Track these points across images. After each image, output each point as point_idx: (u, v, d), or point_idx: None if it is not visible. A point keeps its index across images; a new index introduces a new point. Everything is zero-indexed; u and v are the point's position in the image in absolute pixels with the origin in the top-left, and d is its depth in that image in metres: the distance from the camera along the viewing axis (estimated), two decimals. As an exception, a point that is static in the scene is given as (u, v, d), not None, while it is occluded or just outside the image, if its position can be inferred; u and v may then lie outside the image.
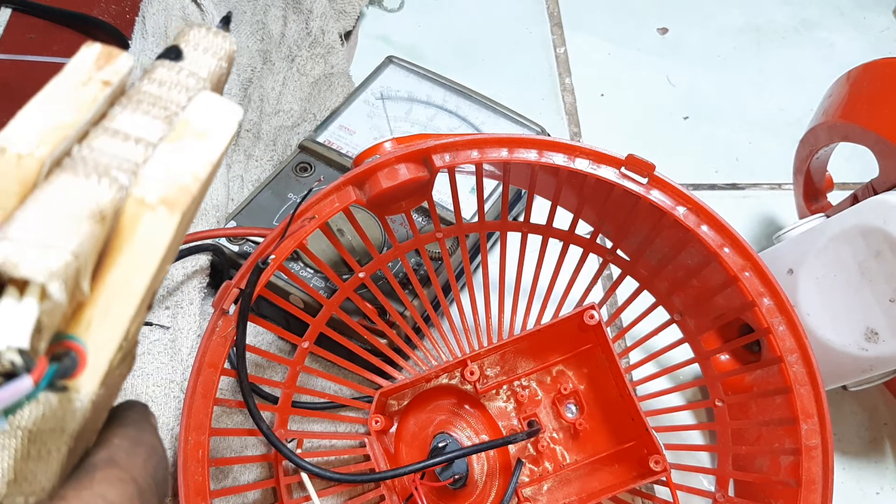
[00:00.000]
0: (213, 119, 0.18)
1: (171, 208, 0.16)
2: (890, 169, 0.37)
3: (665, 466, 0.36)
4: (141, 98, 0.18)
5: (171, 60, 0.19)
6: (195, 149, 0.17)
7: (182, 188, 0.17)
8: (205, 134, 0.17)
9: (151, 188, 0.16)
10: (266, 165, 0.51)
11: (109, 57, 0.18)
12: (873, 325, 0.36)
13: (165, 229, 0.16)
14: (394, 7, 0.63)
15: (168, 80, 0.19)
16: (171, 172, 0.17)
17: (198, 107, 0.18)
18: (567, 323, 0.39)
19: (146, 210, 0.16)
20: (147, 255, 0.16)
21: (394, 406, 0.41)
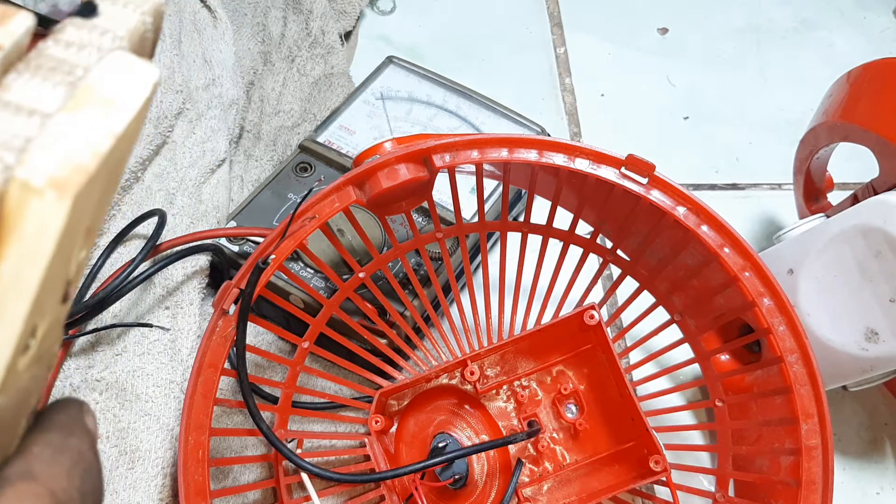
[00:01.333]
0: (122, 83, 0.15)
1: (60, 191, 0.14)
2: (890, 169, 0.37)
3: (665, 466, 0.36)
4: (41, 63, 0.16)
5: (82, 18, 0.17)
6: (96, 118, 0.15)
7: (76, 167, 0.14)
8: (111, 100, 0.15)
9: (38, 168, 0.14)
10: (266, 165, 0.51)
11: (3, 17, 0.16)
12: (873, 325, 0.36)
13: (55, 216, 0.14)
14: (386, 9, 0.64)
15: (77, 40, 0.16)
16: (64, 148, 0.14)
17: (104, 69, 0.16)
18: (567, 323, 0.39)
19: (31, 195, 0.14)
20: (38, 246, 0.14)
21: (394, 406, 0.41)
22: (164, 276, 0.42)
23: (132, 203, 0.46)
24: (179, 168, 0.47)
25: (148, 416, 0.38)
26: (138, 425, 0.38)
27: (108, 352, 0.41)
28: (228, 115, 0.50)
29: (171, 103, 0.50)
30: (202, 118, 0.48)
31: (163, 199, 0.46)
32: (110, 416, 0.38)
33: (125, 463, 0.37)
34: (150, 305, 0.42)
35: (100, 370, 0.40)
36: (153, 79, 0.16)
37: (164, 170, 0.47)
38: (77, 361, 0.40)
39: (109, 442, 0.38)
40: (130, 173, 0.47)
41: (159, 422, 0.38)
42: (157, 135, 0.48)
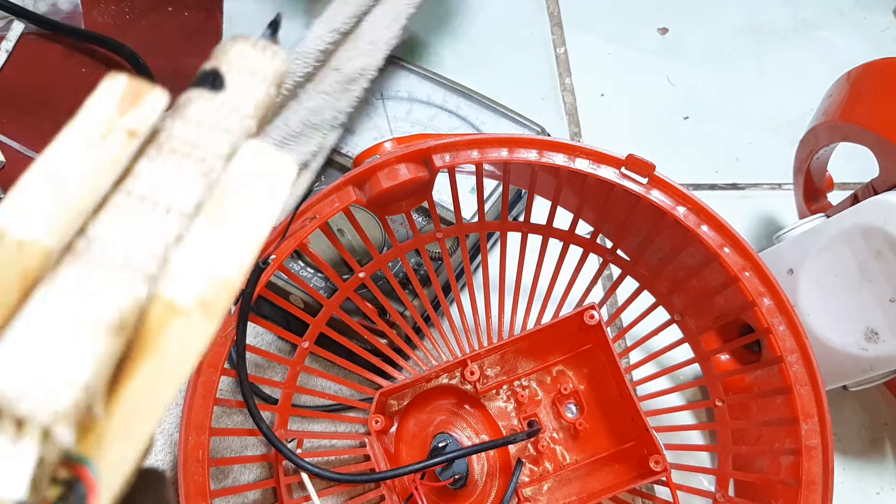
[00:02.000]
0: (262, 181, 0.14)
1: (208, 313, 0.13)
2: (890, 169, 0.37)
3: (665, 466, 0.36)
4: (173, 147, 0.14)
5: (209, 90, 0.15)
6: (240, 226, 0.14)
7: (223, 284, 0.13)
8: (251, 203, 0.14)
9: (184, 287, 0.13)
10: None
11: (137, 95, 0.14)
12: (873, 325, 0.36)
13: (200, 338, 0.13)
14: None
15: (206, 118, 0.15)
16: (210, 263, 0.13)
17: (242, 165, 0.14)
18: (567, 323, 0.39)
19: (178, 316, 0.13)
20: (176, 366, 0.13)
21: (394, 406, 0.41)
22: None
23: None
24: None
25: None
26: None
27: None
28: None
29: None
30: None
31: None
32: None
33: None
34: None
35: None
36: (292, 175, 0.15)
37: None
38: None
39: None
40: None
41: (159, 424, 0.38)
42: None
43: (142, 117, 0.14)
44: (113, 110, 0.14)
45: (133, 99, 0.14)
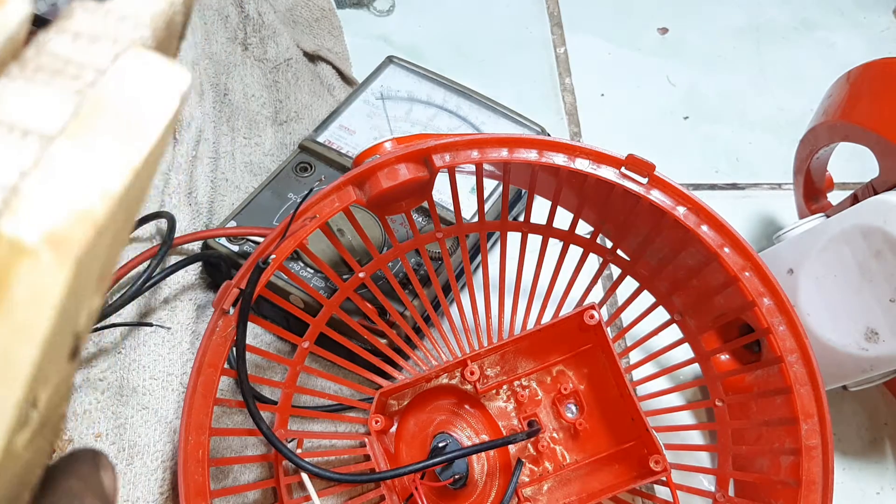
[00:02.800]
0: (143, 92, 0.12)
1: (60, 252, 0.11)
2: (890, 169, 0.37)
3: (665, 466, 0.36)
4: (42, 63, 0.12)
5: (95, 0, 0.13)
6: (108, 146, 0.11)
7: (82, 215, 0.11)
8: (127, 118, 0.12)
9: (31, 220, 0.11)
10: (255, 149, 0.51)
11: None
12: (873, 325, 0.36)
13: (54, 284, 0.11)
14: (384, 9, 0.63)
15: (88, 30, 0.12)
16: (66, 190, 0.11)
17: (120, 74, 0.12)
18: (567, 323, 0.39)
19: (23, 257, 0.11)
20: (32, 320, 0.11)
21: (394, 406, 0.41)
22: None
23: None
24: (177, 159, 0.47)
25: (146, 409, 0.38)
26: (136, 419, 0.38)
27: (109, 350, 0.41)
28: (205, 102, 0.50)
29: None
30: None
31: (156, 195, 0.46)
32: (109, 414, 0.38)
33: (124, 459, 0.37)
34: (147, 299, 0.42)
35: (101, 369, 0.40)
36: (183, 86, 0.12)
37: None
38: (79, 360, 0.40)
39: (108, 439, 0.38)
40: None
41: (157, 415, 0.38)
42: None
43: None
44: None
45: None
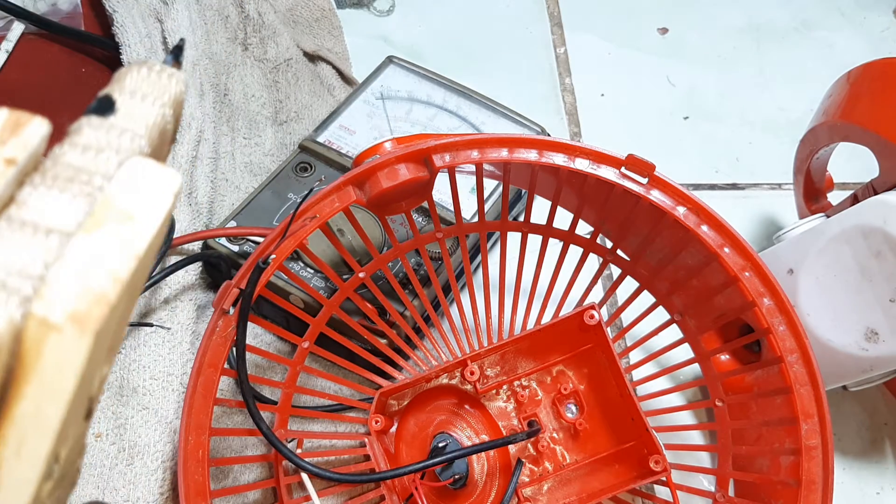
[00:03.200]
0: (142, 194, 0.14)
1: (81, 327, 0.13)
2: (890, 169, 0.37)
3: (665, 466, 0.36)
4: (58, 172, 0.15)
5: (99, 116, 0.16)
6: (115, 239, 0.14)
7: (97, 297, 0.13)
8: (130, 216, 0.14)
9: (56, 302, 0.13)
10: (255, 149, 0.51)
11: (17, 126, 0.15)
12: (873, 325, 0.36)
13: (77, 352, 0.13)
14: (384, 9, 0.63)
15: (95, 142, 0.15)
16: (83, 276, 0.13)
17: (123, 180, 0.15)
18: (567, 323, 0.39)
19: (51, 332, 0.13)
20: (59, 384, 0.13)
21: (394, 406, 0.41)
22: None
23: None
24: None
25: (146, 409, 0.38)
26: (136, 419, 0.38)
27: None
28: (205, 102, 0.50)
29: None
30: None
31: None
32: (109, 414, 0.38)
33: (124, 459, 0.37)
34: (147, 300, 0.42)
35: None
36: (175, 187, 0.15)
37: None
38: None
39: (108, 439, 0.38)
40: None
41: (157, 415, 0.38)
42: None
43: (21, 145, 0.14)
44: None
45: (13, 129, 0.15)
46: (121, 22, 0.52)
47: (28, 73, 0.55)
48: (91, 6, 0.58)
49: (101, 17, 0.57)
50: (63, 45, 0.57)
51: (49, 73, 0.55)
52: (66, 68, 0.56)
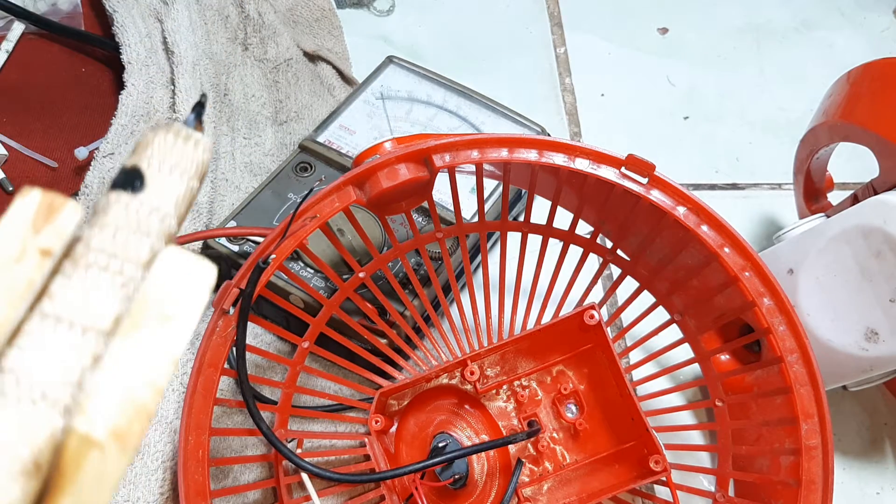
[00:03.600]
0: (179, 291, 0.14)
1: (122, 444, 0.13)
2: (890, 169, 0.37)
3: (665, 466, 0.36)
4: (90, 261, 0.14)
5: (129, 193, 0.15)
6: (154, 343, 0.14)
7: (138, 409, 0.13)
8: (168, 316, 0.14)
9: (98, 418, 0.13)
10: (255, 149, 0.51)
11: (51, 211, 0.14)
12: (873, 325, 0.36)
13: (116, 468, 0.13)
14: (384, 9, 0.63)
15: (124, 223, 0.15)
16: (124, 388, 0.13)
17: (158, 275, 0.14)
18: (567, 323, 0.39)
19: (92, 449, 0.13)
20: (95, 496, 0.13)
21: (394, 406, 0.41)
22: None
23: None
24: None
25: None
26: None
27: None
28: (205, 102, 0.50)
29: (161, 98, 0.50)
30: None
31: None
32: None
33: (125, 462, 0.37)
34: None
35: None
36: (211, 280, 0.15)
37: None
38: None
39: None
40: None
41: (157, 415, 0.38)
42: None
43: (56, 233, 0.14)
44: (27, 229, 0.14)
45: (47, 214, 0.14)
46: (121, 22, 0.52)
47: (28, 73, 0.55)
48: (91, 6, 0.58)
49: (101, 17, 0.57)
50: (63, 45, 0.57)
51: (49, 73, 0.55)
52: (66, 68, 0.56)
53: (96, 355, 0.14)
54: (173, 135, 0.16)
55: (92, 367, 0.13)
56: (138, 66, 0.50)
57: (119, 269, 0.14)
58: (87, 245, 0.14)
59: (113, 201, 0.15)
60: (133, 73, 0.50)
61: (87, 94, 0.54)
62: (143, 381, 0.14)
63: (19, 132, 0.51)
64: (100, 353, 0.14)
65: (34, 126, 0.52)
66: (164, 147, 0.16)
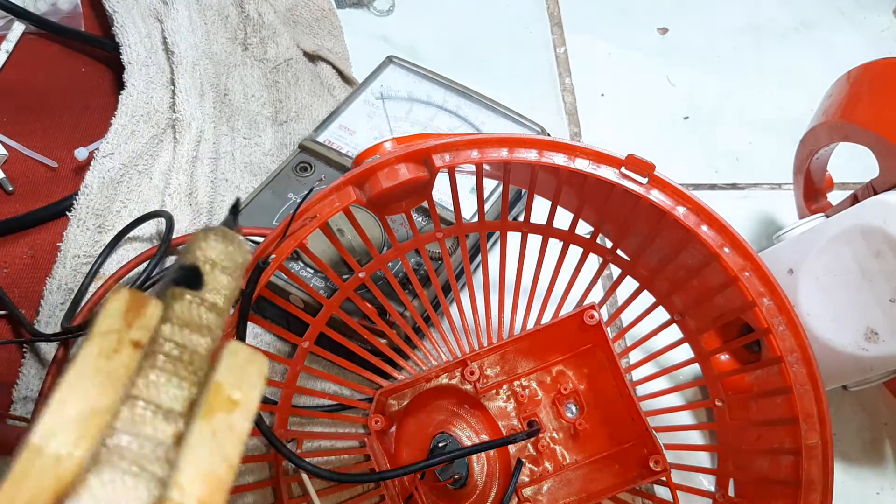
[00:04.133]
0: (242, 381, 0.17)
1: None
2: (890, 169, 0.37)
3: (665, 466, 0.36)
4: (167, 352, 0.17)
5: (191, 290, 0.18)
6: (227, 426, 0.16)
7: (218, 483, 0.16)
8: (235, 402, 0.17)
9: (188, 490, 0.16)
10: (255, 149, 0.51)
11: (138, 307, 0.17)
12: (873, 325, 0.36)
13: None
14: (384, 9, 0.63)
15: (190, 319, 0.18)
16: (206, 464, 0.16)
17: (225, 367, 0.17)
18: (567, 323, 0.39)
19: None
20: None
21: (394, 406, 0.41)
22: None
23: (136, 200, 0.46)
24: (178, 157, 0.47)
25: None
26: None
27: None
28: (205, 102, 0.50)
29: (161, 98, 0.50)
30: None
31: (156, 195, 0.46)
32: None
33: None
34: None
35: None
36: (265, 370, 0.17)
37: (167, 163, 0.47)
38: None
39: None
40: (124, 167, 0.47)
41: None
42: (149, 127, 0.48)
43: (143, 327, 0.17)
44: (120, 323, 0.16)
45: (136, 311, 0.17)
46: (121, 22, 0.52)
47: (28, 73, 0.55)
48: (91, 6, 0.58)
49: (101, 17, 0.57)
50: (63, 45, 0.57)
51: (49, 73, 0.55)
52: (66, 68, 0.56)
53: (178, 434, 0.16)
54: (222, 237, 0.19)
55: (176, 446, 0.16)
56: (138, 66, 0.50)
57: (188, 360, 0.17)
58: (160, 337, 0.17)
59: (178, 295, 0.18)
60: (133, 73, 0.50)
61: (87, 94, 0.54)
62: (220, 458, 0.16)
63: (19, 132, 0.51)
64: (181, 433, 0.16)
65: (34, 126, 0.52)
66: (214, 247, 0.19)
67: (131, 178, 0.47)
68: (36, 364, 0.41)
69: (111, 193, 0.46)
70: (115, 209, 0.46)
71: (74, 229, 0.45)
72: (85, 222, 0.45)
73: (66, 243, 0.44)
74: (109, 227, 0.45)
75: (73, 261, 0.44)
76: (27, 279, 0.45)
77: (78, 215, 0.45)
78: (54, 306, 0.43)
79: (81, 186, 0.46)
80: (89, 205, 0.45)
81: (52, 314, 0.42)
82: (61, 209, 0.46)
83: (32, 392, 0.40)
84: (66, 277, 0.43)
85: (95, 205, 0.45)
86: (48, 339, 0.40)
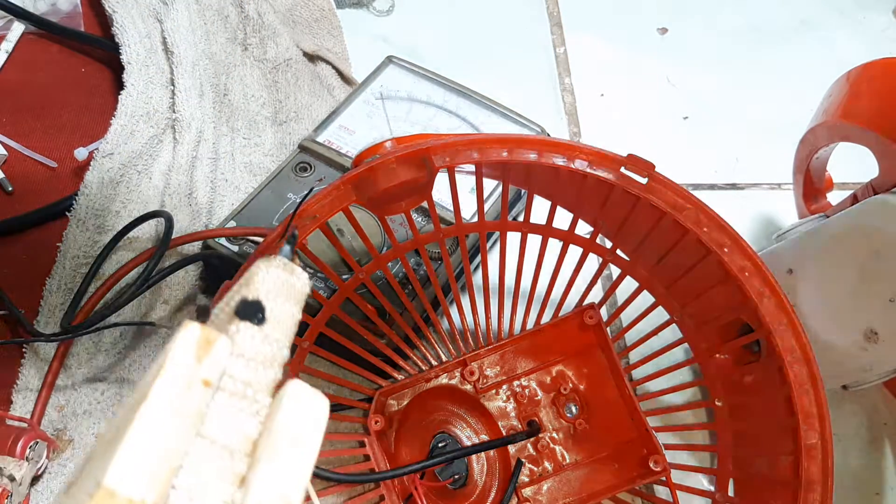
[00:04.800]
0: (305, 420, 0.17)
1: None
2: (890, 169, 0.37)
3: (665, 466, 0.36)
4: (232, 388, 0.17)
5: (254, 324, 0.18)
6: (289, 467, 0.16)
7: None
8: (298, 442, 0.17)
9: None
10: (255, 149, 0.51)
11: (208, 344, 0.16)
12: (873, 325, 0.36)
13: None
14: (383, 9, 0.63)
15: (254, 354, 0.17)
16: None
17: (288, 406, 0.17)
18: (567, 323, 0.39)
19: None
20: None
21: (393, 406, 0.41)
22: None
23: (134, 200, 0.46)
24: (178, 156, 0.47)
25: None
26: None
27: (109, 349, 0.41)
28: (205, 102, 0.50)
29: (161, 98, 0.50)
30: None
31: (156, 195, 0.46)
32: (109, 414, 0.38)
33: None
34: (148, 300, 0.42)
35: (101, 369, 0.40)
36: (326, 411, 0.17)
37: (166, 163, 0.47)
38: (79, 359, 0.40)
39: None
40: (123, 167, 0.47)
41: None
42: (149, 128, 0.48)
43: (214, 365, 0.16)
44: (192, 360, 0.16)
45: (206, 348, 0.16)
46: (120, 22, 0.52)
47: (28, 73, 0.55)
48: (91, 6, 0.58)
49: (101, 17, 0.57)
50: (63, 45, 0.57)
51: (49, 73, 0.55)
52: (66, 68, 0.56)
53: (241, 475, 0.16)
54: (282, 268, 0.19)
55: (240, 486, 0.16)
56: (138, 66, 0.50)
57: (252, 396, 0.17)
58: (229, 374, 0.17)
59: (242, 328, 0.17)
60: (133, 73, 0.50)
61: (86, 94, 0.54)
62: (282, 500, 0.16)
63: (19, 132, 0.51)
64: (243, 473, 0.16)
65: (34, 126, 0.52)
66: (276, 280, 0.18)
67: (131, 178, 0.47)
68: (36, 364, 0.41)
69: (111, 193, 0.46)
70: (114, 209, 0.46)
71: (74, 229, 0.45)
72: (84, 222, 0.45)
73: (66, 243, 0.44)
74: (109, 228, 0.45)
75: (73, 261, 0.44)
76: (27, 279, 0.45)
77: (77, 215, 0.45)
78: (54, 306, 0.43)
79: (81, 186, 0.46)
80: (89, 205, 0.45)
81: (52, 314, 0.42)
82: (61, 209, 0.46)
83: (32, 392, 0.40)
84: (65, 277, 0.43)
85: (95, 205, 0.45)
86: (48, 338, 0.40)
